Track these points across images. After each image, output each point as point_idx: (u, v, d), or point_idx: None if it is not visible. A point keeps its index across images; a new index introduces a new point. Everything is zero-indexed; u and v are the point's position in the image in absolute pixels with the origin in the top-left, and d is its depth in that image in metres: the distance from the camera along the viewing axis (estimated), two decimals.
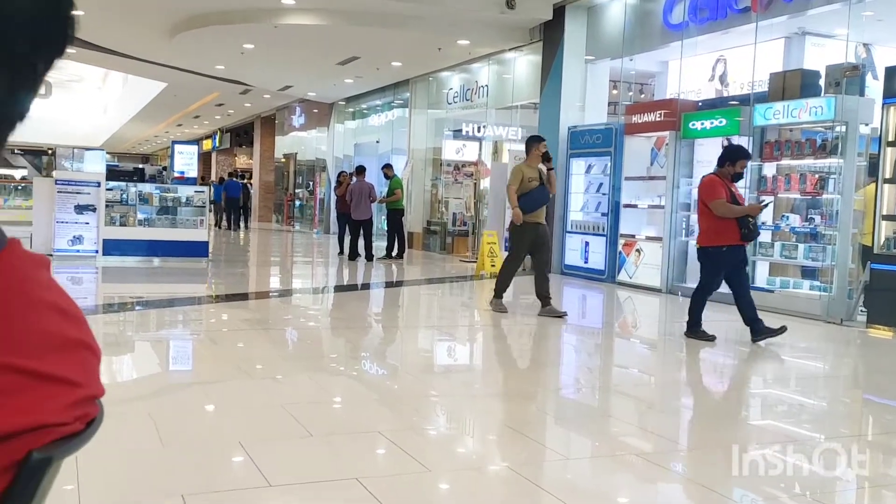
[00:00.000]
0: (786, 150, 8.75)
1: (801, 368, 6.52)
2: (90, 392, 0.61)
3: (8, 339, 0.54)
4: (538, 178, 7.71)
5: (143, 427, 3.67)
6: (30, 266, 0.59)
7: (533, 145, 7.88)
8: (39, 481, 0.55)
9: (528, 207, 7.64)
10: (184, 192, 12.28)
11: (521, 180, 7.65)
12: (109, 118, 35.64)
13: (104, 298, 8.90)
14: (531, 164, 7.78)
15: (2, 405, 0.52)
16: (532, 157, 7.80)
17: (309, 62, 16.70)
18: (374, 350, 6.47)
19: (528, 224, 7.67)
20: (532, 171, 7.72)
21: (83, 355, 0.61)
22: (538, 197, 7.71)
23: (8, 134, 0.59)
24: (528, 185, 7.65)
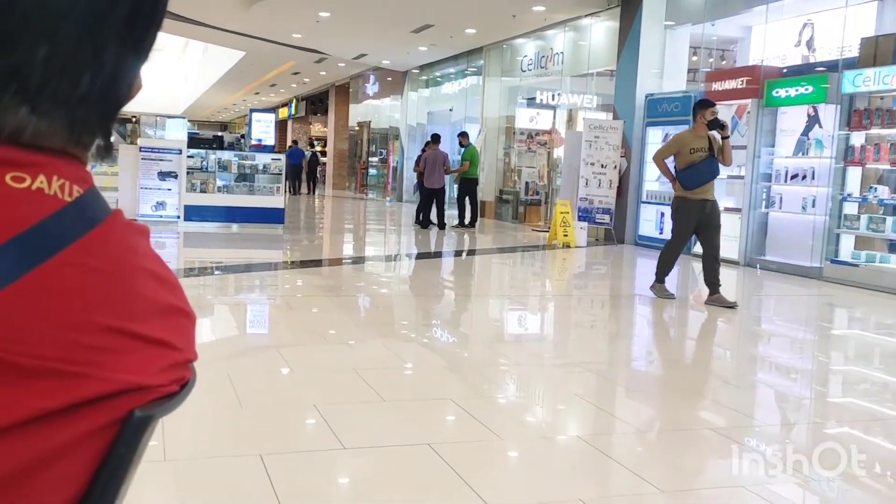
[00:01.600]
0: (875, 118, 8.37)
1: (885, 345, 6.29)
2: (187, 356, 0.64)
3: (115, 303, 0.57)
4: (706, 149, 6.75)
5: (223, 388, 3.80)
6: (132, 234, 0.62)
7: (699, 111, 6.89)
8: (140, 438, 0.58)
9: (693, 182, 6.73)
10: (261, 159, 12.52)
11: (677, 150, 6.84)
12: (190, 87, 36.46)
13: (185, 263, 9.19)
14: (697, 132, 6.84)
15: (109, 365, 0.55)
16: (698, 125, 6.85)
17: (383, 30, 16.71)
18: (445, 318, 6.52)
19: (693, 200, 6.76)
20: (697, 141, 6.78)
21: (181, 321, 0.64)
22: (705, 170, 6.75)
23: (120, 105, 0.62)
24: (692, 157, 6.71)
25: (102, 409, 0.56)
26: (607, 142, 12.28)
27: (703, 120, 6.76)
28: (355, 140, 28.91)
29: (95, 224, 0.58)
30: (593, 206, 12.38)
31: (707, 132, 6.76)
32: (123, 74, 0.60)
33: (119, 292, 0.58)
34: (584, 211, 12.34)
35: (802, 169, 9.44)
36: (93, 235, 0.58)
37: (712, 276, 6.88)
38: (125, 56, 0.59)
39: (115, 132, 0.65)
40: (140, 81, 0.63)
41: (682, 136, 6.98)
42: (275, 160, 12.62)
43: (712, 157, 6.74)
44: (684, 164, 6.74)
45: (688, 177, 6.73)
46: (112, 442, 0.57)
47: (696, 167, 6.70)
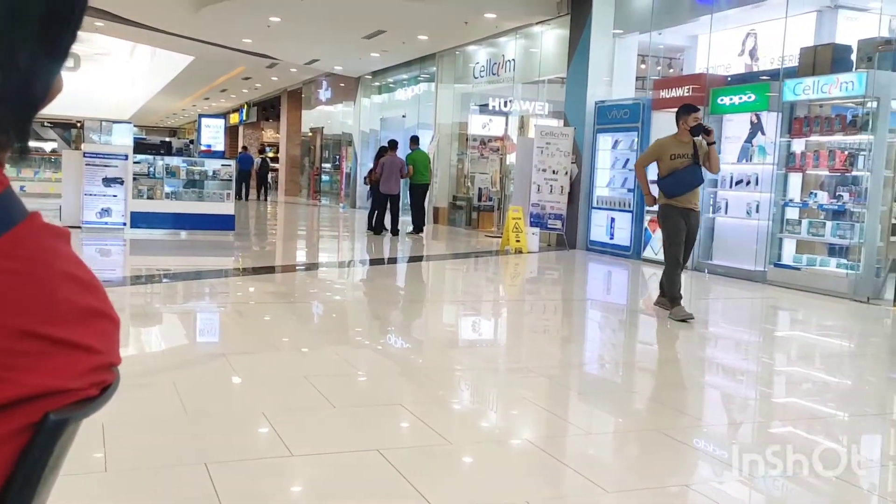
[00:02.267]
0: (815, 126, 8.61)
1: (826, 346, 6.47)
2: (107, 360, 0.64)
3: (31, 307, 0.56)
4: (689, 155, 6.43)
5: (169, 397, 3.74)
6: (50, 237, 0.61)
7: (681, 116, 6.55)
8: (55, 442, 0.57)
9: (675, 190, 6.41)
10: (210, 165, 12.37)
11: (657, 157, 6.53)
12: (137, 92, 35.86)
13: (132, 270, 9.03)
14: (679, 137, 6.52)
15: (24, 369, 0.54)
16: (681, 131, 6.53)
17: (335, 36, 16.65)
18: (398, 324, 6.51)
19: (676, 208, 6.44)
20: (679, 147, 6.46)
21: (102, 324, 0.63)
22: (687, 178, 6.40)
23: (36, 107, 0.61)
24: (674, 164, 6.40)
25: (18, 413, 0.55)
26: (558, 148, 12.41)
27: (685, 125, 6.49)
28: (308, 146, 28.72)
29: (11, 226, 0.58)
30: (545, 211, 12.49)
31: (690, 138, 6.49)
32: (39, 75, 0.59)
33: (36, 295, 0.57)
34: (537, 217, 12.45)
35: (747, 175, 9.66)
36: (8, 237, 0.57)
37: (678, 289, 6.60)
38: (40, 56, 0.59)
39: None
40: (60, 84, 0.63)
41: (663, 142, 6.64)
42: (225, 166, 12.48)
43: (696, 163, 6.44)
44: (666, 171, 6.44)
45: (669, 184, 6.43)
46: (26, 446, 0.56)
47: (679, 174, 6.39)
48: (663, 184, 6.46)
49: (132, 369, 4.42)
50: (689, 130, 6.46)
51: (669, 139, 6.60)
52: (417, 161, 14.23)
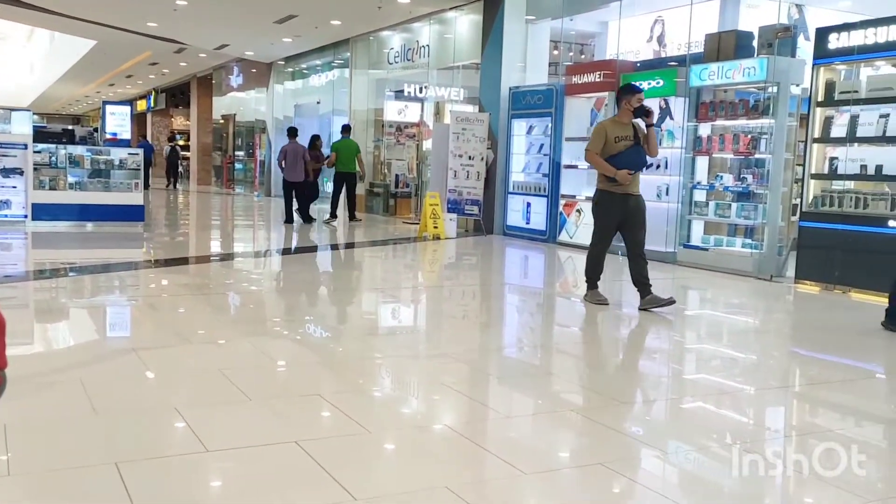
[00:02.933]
0: (720, 110, 8.90)
1: (732, 324, 6.71)
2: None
3: None
4: (631, 137, 6.25)
5: (75, 395, 3.59)
6: None
7: (624, 97, 6.34)
8: None
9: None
10: (117, 154, 11.93)
11: (604, 141, 6.23)
12: (36, 77, 34.27)
13: (34, 264, 8.64)
14: (621, 118, 6.34)
15: None
16: (622, 112, 6.32)
17: (245, 20, 16.25)
18: (316, 314, 6.44)
19: (616, 195, 6.26)
20: (621, 129, 6.26)
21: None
22: (631, 160, 6.23)
23: None
24: (617, 146, 6.20)
25: None
26: (474, 134, 12.47)
27: (628, 106, 6.27)
28: (220, 133, 28.03)
29: None
30: (462, 197, 12.54)
31: (631, 119, 6.31)
32: None
33: None
34: (454, 202, 12.49)
35: (656, 159, 9.89)
36: None
37: (640, 274, 6.35)
38: None
39: None
40: None
41: (605, 125, 6.40)
42: (132, 154, 12.05)
43: (638, 145, 6.26)
44: (607, 155, 6.22)
45: (614, 166, 6.21)
46: None
47: (622, 156, 6.20)
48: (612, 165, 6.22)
49: (37, 368, 4.23)
50: (633, 111, 6.27)
51: (610, 122, 6.43)
52: (342, 150, 14.06)
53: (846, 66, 7.74)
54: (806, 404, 4.29)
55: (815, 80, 7.83)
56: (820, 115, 7.86)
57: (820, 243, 7.77)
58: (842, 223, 7.53)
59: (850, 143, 7.60)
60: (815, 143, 7.88)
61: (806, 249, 7.96)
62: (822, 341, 5.79)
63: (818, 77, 7.82)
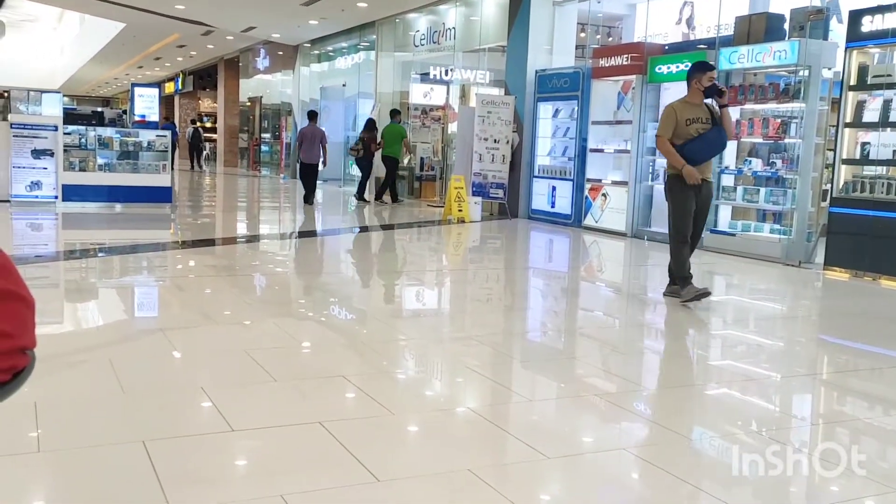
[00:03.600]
0: (749, 94, 8.77)
1: (760, 310, 6.65)
2: (19, 343, 0.60)
3: None
4: (705, 119, 5.81)
5: (104, 374, 3.65)
6: None
7: (694, 76, 5.89)
8: None
9: (699, 157, 5.76)
10: (145, 136, 12.03)
11: (674, 124, 5.79)
12: (66, 60, 34.62)
13: (65, 245, 8.76)
14: (691, 99, 5.87)
15: None
16: (692, 92, 5.88)
17: (272, 2, 16.27)
18: (341, 295, 6.47)
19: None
20: (692, 110, 5.81)
21: (14, 306, 0.59)
22: (713, 141, 5.80)
23: None
24: (688, 129, 5.77)
25: None
26: (499, 117, 12.41)
27: (698, 85, 5.83)
28: (246, 116, 28.16)
29: None
30: (487, 181, 12.51)
31: (702, 99, 5.87)
32: None
33: None
34: (478, 186, 12.46)
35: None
36: None
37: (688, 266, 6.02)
38: None
39: None
40: None
41: (673, 107, 5.89)
42: (160, 136, 12.14)
43: (717, 125, 5.81)
44: (684, 138, 5.76)
45: (692, 151, 5.74)
46: None
47: (703, 138, 5.75)
48: (686, 150, 5.74)
49: (66, 347, 4.30)
50: (703, 91, 5.83)
51: (680, 103, 5.91)
52: (388, 134, 14.56)
53: (880, 49, 7.58)
54: (833, 392, 4.25)
55: (848, 63, 7.69)
56: (852, 100, 7.72)
57: (850, 229, 7.66)
58: (873, 209, 7.41)
59: (883, 127, 7.46)
60: (847, 128, 7.74)
61: (835, 235, 7.84)
62: (851, 328, 5.72)
63: (850, 60, 7.67)
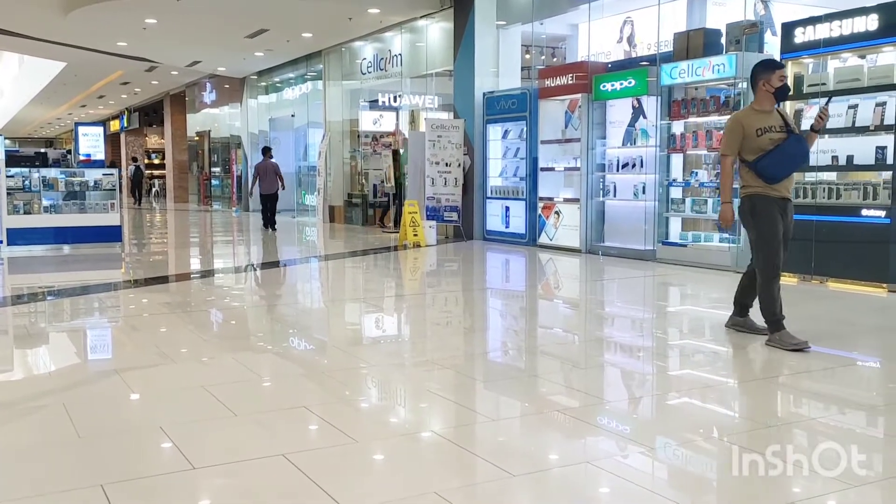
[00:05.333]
0: (692, 107, 8.99)
1: (714, 318, 6.76)
2: None
3: None
4: (779, 127, 4.90)
5: (58, 420, 3.56)
6: None
7: (761, 76, 4.95)
8: None
9: (779, 172, 4.86)
10: (91, 175, 11.83)
11: (740, 138, 4.90)
12: (6, 101, 33.94)
13: (12, 290, 8.54)
14: (760, 106, 4.96)
15: None
16: (761, 97, 4.96)
17: (216, 36, 16.21)
18: (299, 326, 6.41)
19: (770, 199, 4.89)
20: (762, 118, 4.90)
21: None
22: (788, 155, 4.86)
23: None
24: (761, 141, 4.84)
25: None
26: (450, 140, 12.50)
27: (767, 87, 4.93)
28: (195, 150, 27.89)
29: None
30: (441, 204, 12.56)
31: (773, 104, 5.00)
32: None
33: None
34: (432, 210, 12.50)
35: (632, 158, 9.99)
36: None
37: (747, 295, 5.35)
38: None
39: None
40: None
41: (739, 118, 5.03)
42: (107, 175, 11.95)
43: (794, 134, 4.94)
44: (758, 152, 4.85)
45: (772, 165, 4.85)
46: None
47: (781, 150, 4.82)
48: (763, 167, 4.86)
49: (18, 394, 4.19)
50: (774, 94, 4.95)
51: (746, 112, 5.07)
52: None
53: (813, 59, 7.84)
54: (789, 395, 4.33)
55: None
56: (790, 109, 7.95)
57: (795, 235, 7.81)
58: (816, 214, 7.61)
59: (821, 134, 7.67)
60: None
61: None
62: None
63: (786, 71, 7.91)
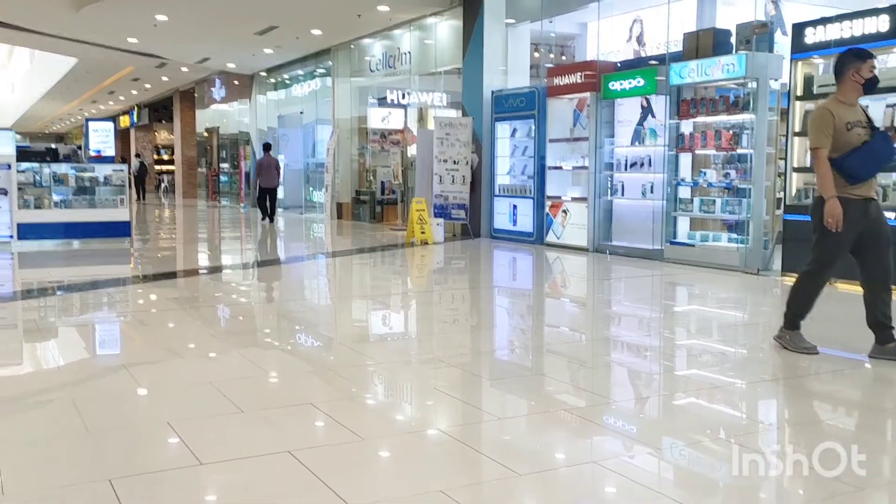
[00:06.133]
0: (701, 107, 8.96)
1: (722, 318, 6.75)
2: None
3: None
4: (865, 122, 4.52)
5: (67, 414, 3.58)
6: None
7: (850, 66, 4.53)
8: None
9: (863, 171, 4.47)
10: (101, 170, 11.90)
11: (832, 130, 4.43)
12: (18, 97, 34.08)
13: (22, 284, 8.59)
14: (845, 98, 4.55)
15: None
16: (847, 87, 4.54)
17: (226, 33, 16.24)
18: (306, 323, 6.43)
19: (853, 201, 4.45)
20: (850, 112, 4.49)
21: None
22: (877, 153, 4.47)
23: None
24: (850, 136, 4.43)
25: None
26: (458, 138, 12.50)
27: (856, 78, 4.51)
28: (204, 146, 27.96)
29: None
30: (448, 202, 12.56)
31: (859, 96, 4.57)
32: None
33: None
34: (440, 207, 12.51)
35: (640, 157, 9.98)
36: None
37: (882, 312, 4.68)
38: None
39: None
40: None
41: (828, 108, 4.52)
42: (117, 171, 12.02)
43: (881, 132, 4.60)
44: (841, 150, 4.43)
45: (858, 164, 4.43)
46: None
47: (870, 147, 4.43)
48: (850, 166, 4.43)
49: (28, 388, 4.22)
50: (864, 85, 4.52)
51: (834, 102, 4.56)
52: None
53: (824, 59, 7.80)
54: (797, 396, 4.32)
55: (794, 74, 7.90)
56: (800, 109, 7.92)
57: (804, 236, 7.74)
58: None
59: None
60: (796, 137, 7.93)
61: (791, 242, 8.01)
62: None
63: (796, 71, 7.88)
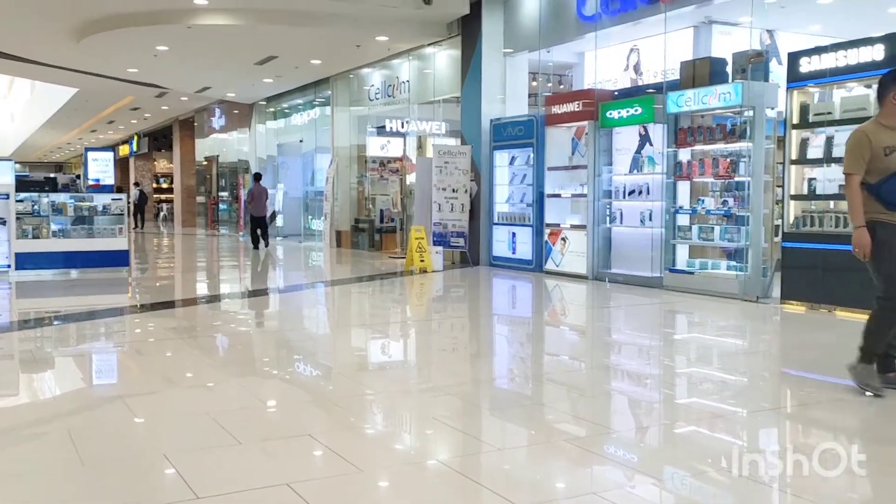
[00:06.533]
0: (698, 135, 9.00)
1: (722, 346, 6.73)
2: None
3: None
4: None
5: (61, 446, 3.55)
6: None
7: (890, 89, 4.48)
8: None
9: None
10: (100, 200, 11.90)
11: (868, 155, 4.40)
12: (17, 126, 34.25)
13: (19, 315, 8.56)
14: (887, 121, 4.49)
15: None
16: (888, 109, 4.49)
17: (226, 63, 16.36)
18: (305, 352, 6.40)
19: (891, 226, 4.41)
20: (890, 135, 4.43)
21: None
22: None
23: None
24: (889, 161, 4.38)
25: None
26: (457, 167, 12.55)
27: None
28: (203, 175, 28.04)
29: None
30: (447, 230, 12.58)
31: None
32: None
33: None
34: (439, 235, 12.52)
35: (638, 185, 10.00)
36: None
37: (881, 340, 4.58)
38: None
39: None
40: None
41: (865, 132, 4.49)
42: (115, 200, 12.03)
43: None
44: (878, 175, 4.39)
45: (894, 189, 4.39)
46: None
47: None
48: (885, 190, 4.39)
49: (23, 419, 4.18)
50: None
51: (874, 126, 4.53)
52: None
53: (819, 88, 7.86)
54: (798, 425, 4.29)
55: (790, 103, 7.95)
56: (796, 137, 7.96)
57: (803, 263, 7.83)
58: (823, 242, 7.59)
59: (827, 163, 7.68)
60: (793, 165, 7.97)
61: (789, 270, 8.01)
62: (811, 361, 5.81)
63: (792, 100, 7.93)
